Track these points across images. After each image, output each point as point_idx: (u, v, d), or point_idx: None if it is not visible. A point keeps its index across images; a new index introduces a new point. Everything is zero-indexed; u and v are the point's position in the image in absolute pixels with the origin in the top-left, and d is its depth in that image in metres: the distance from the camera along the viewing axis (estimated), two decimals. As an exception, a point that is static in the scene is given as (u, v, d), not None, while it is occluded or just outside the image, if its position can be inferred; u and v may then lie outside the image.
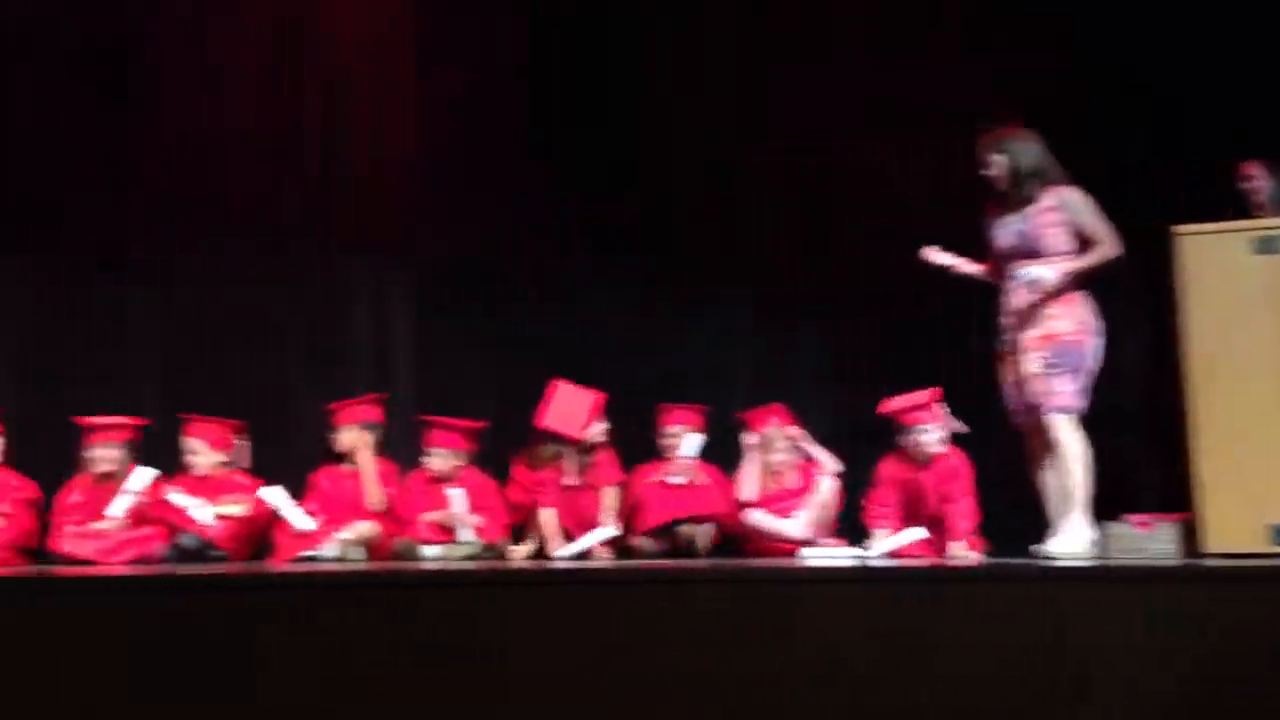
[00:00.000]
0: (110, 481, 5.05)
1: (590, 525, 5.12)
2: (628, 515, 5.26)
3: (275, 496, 5.08)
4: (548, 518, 5.14)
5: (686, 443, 5.35)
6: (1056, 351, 3.98)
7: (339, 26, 5.96)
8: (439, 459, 5.22)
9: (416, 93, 5.98)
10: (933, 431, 4.94)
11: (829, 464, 5.21)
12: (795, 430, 5.24)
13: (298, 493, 5.16)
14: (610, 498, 5.21)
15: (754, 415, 5.30)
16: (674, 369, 5.71)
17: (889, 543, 4.84)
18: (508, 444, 5.36)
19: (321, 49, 5.94)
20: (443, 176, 5.92)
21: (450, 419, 5.28)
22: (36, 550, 4.98)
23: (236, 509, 5.06)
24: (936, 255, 4.29)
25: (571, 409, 5.10)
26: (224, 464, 5.22)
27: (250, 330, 5.71)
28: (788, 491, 5.18)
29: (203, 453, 5.18)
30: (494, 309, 5.82)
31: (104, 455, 5.05)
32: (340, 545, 4.89)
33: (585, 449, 5.20)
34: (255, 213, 5.78)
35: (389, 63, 5.99)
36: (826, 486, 5.16)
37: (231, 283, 5.70)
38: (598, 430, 5.21)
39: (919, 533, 4.88)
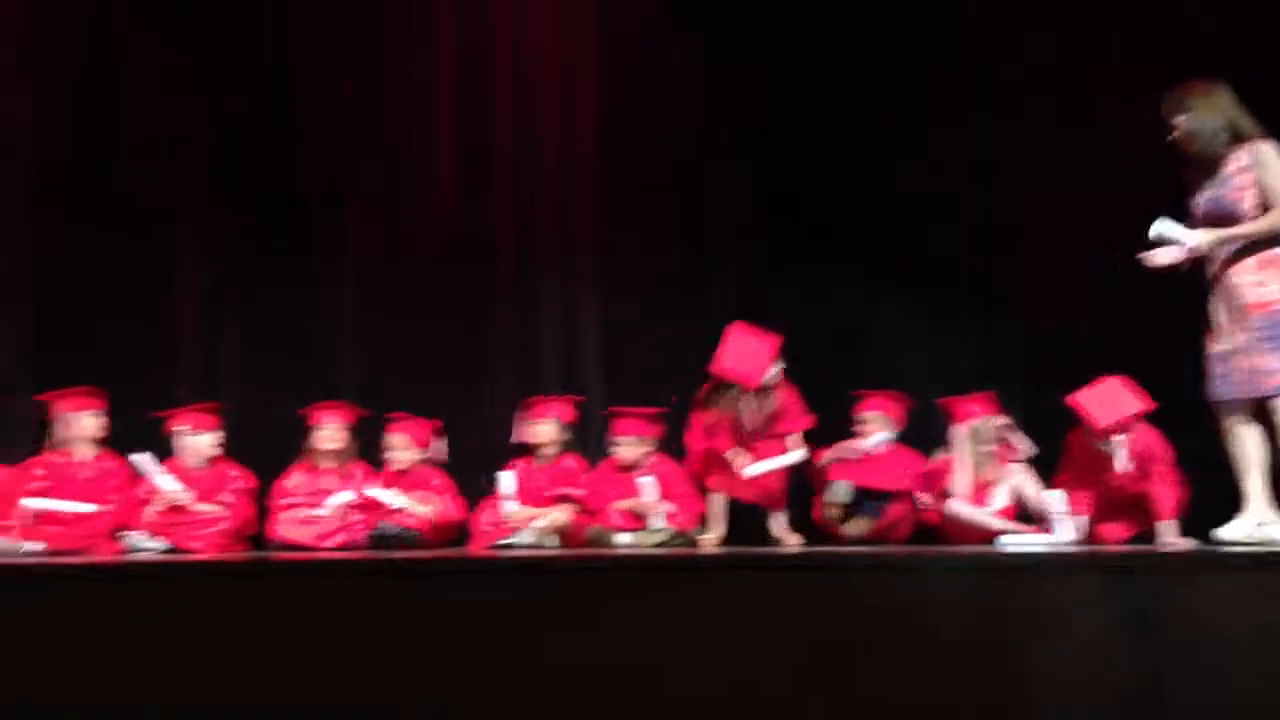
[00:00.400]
0: (328, 469, 5.29)
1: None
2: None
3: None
4: (716, 500, 5.18)
5: (875, 433, 5.27)
6: (1272, 323, 3.76)
7: (526, 42, 6.10)
8: (627, 447, 5.29)
9: (599, 104, 6.09)
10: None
11: (1025, 449, 5.07)
12: (1001, 419, 5.11)
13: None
14: (795, 440, 5.22)
15: (960, 404, 5.18)
16: (871, 359, 5.68)
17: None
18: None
19: (509, 66, 6.09)
20: (626, 181, 6.03)
21: (637, 408, 5.34)
22: (255, 537, 5.25)
23: (426, 509, 5.24)
24: (1161, 257, 4.01)
25: (748, 354, 5.07)
26: (422, 461, 5.39)
27: (447, 331, 5.93)
28: (985, 480, 5.06)
29: (403, 449, 5.36)
30: (680, 309, 5.85)
31: (328, 436, 5.29)
32: (535, 533, 5.01)
33: (763, 392, 5.16)
34: (455, 220, 6.00)
35: (573, 75, 6.11)
36: (1020, 473, 5.03)
37: (433, 288, 5.93)
38: (774, 373, 5.17)
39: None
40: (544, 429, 5.38)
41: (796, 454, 5.21)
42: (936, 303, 5.65)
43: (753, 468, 5.10)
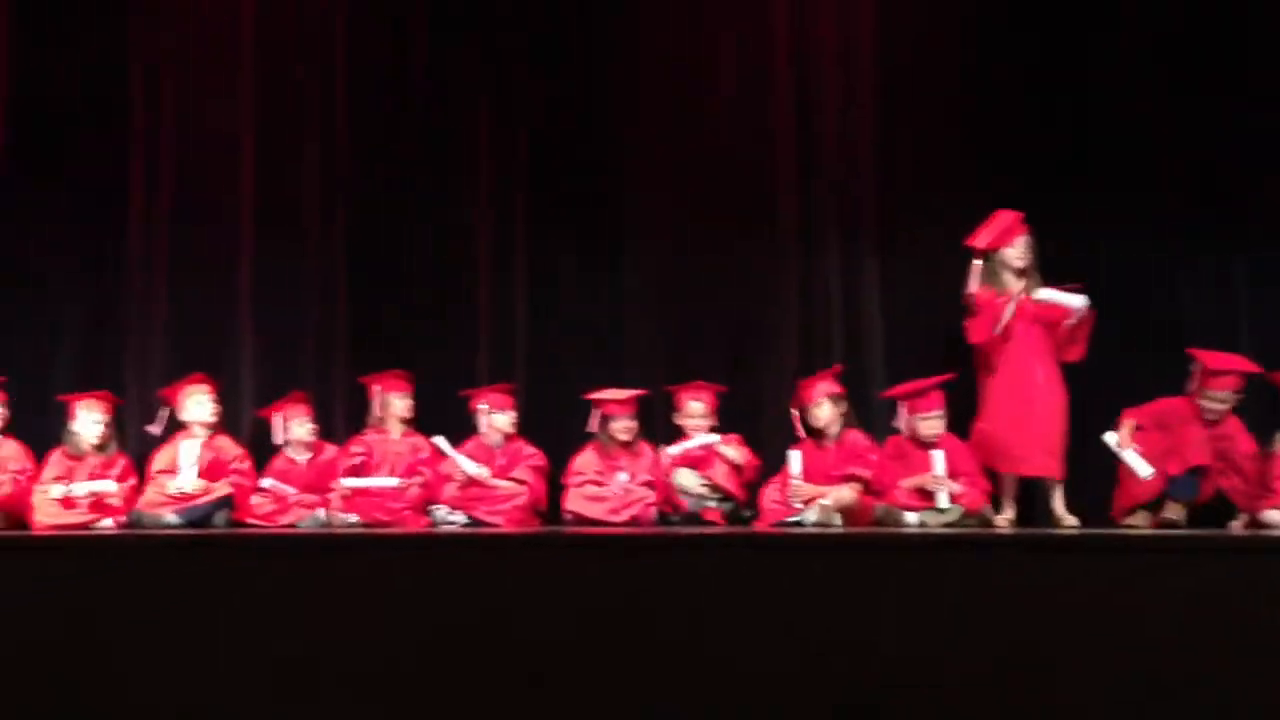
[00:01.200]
0: (616, 450, 5.45)
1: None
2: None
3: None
4: (1007, 480, 5.08)
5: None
6: None
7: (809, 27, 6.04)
8: (928, 423, 5.13)
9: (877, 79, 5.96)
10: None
11: None
12: None
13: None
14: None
15: None
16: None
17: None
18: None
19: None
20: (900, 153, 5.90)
21: (923, 381, 5.19)
22: (546, 513, 5.45)
23: (733, 452, 5.34)
24: None
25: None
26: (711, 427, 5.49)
27: (733, 309, 5.94)
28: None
29: (700, 416, 5.46)
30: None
31: (620, 427, 5.44)
32: (821, 512, 4.96)
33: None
34: (738, 193, 5.99)
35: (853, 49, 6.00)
36: None
37: (716, 256, 5.95)
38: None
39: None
40: (821, 410, 5.31)
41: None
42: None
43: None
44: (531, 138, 6.06)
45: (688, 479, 5.34)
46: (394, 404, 5.51)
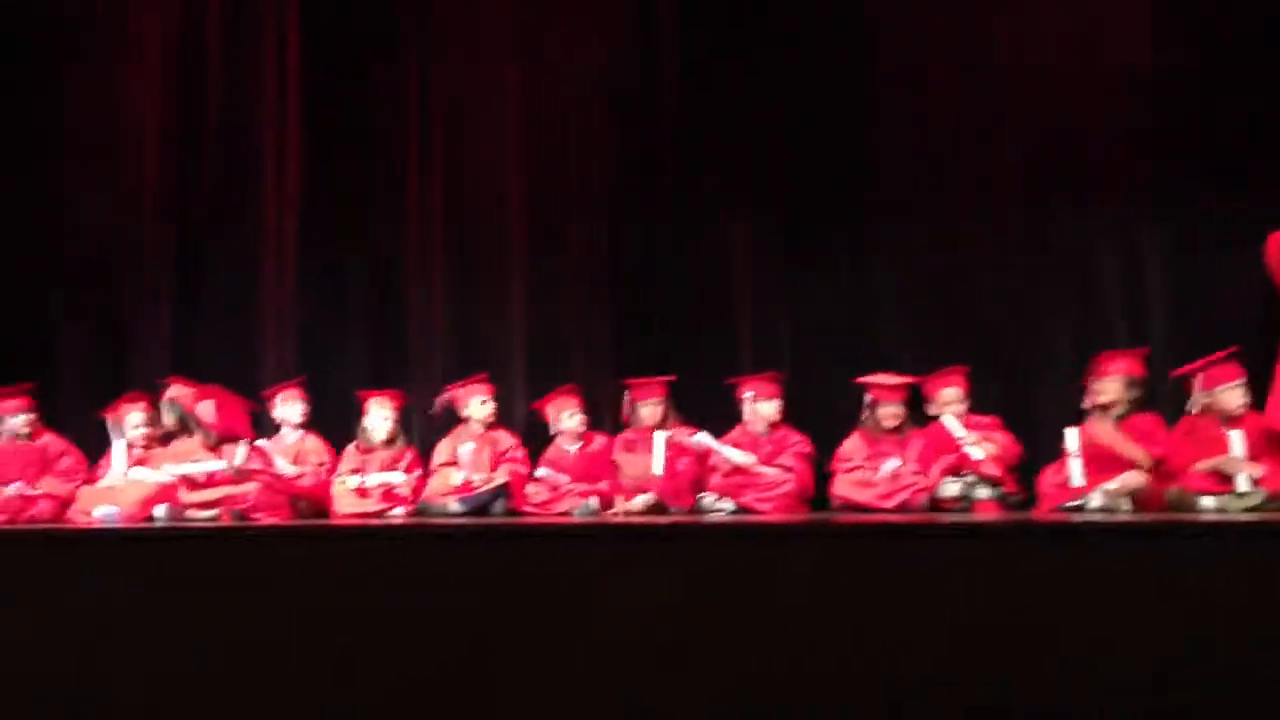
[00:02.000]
0: (883, 436, 5.38)
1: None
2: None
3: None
4: None
5: None
6: None
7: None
8: (1223, 396, 4.80)
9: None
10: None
11: None
12: None
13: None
14: None
15: None
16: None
17: None
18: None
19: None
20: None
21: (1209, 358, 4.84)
22: (815, 500, 5.40)
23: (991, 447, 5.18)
24: None
25: None
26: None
27: (1005, 280, 5.73)
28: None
29: (953, 403, 5.32)
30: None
31: (889, 412, 5.38)
32: (1105, 496, 4.70)
33: None
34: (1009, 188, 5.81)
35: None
36: None
37: (989, 234, 5.79)
38: None
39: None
40: (1110, 385, 5.03)
41: None
42: None
43: None
44: (788, 132, 6.05)
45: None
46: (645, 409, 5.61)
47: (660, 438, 5.33)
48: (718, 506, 5.27)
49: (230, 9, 6.70)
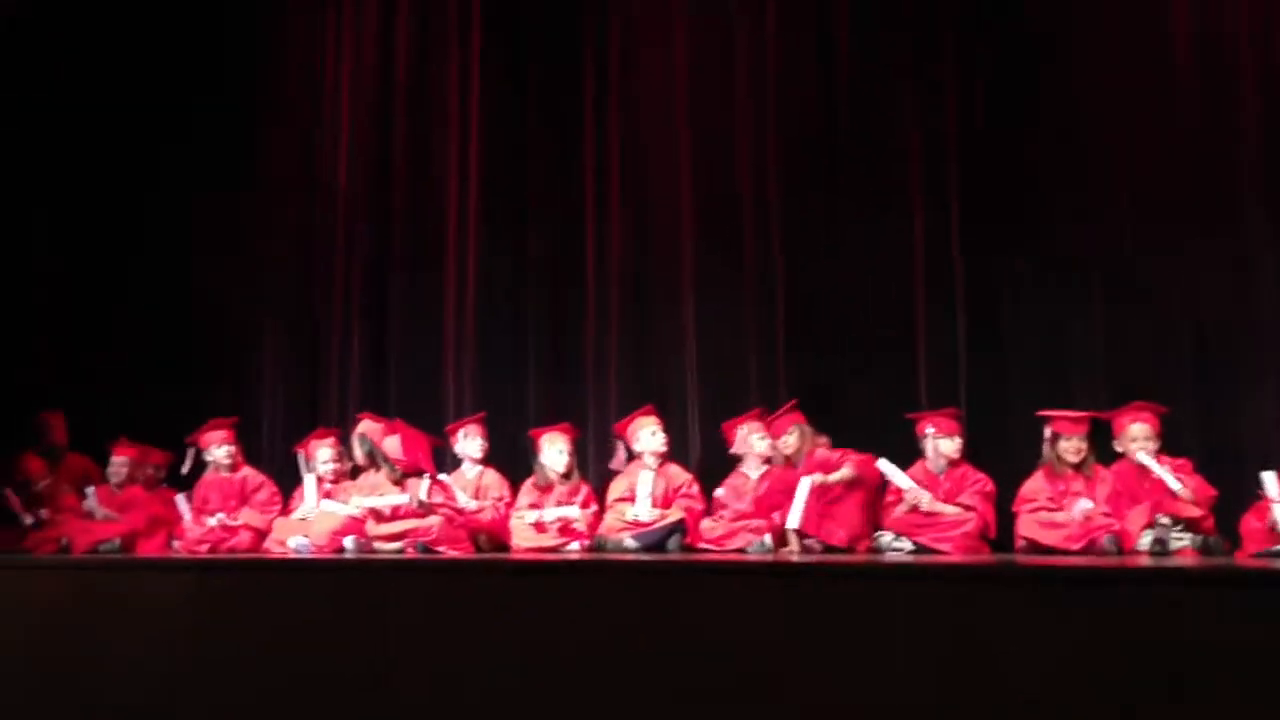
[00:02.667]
0: (1066, 472, 5.16)
1: None
2: None
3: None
4: None
5: None
6: None
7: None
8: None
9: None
10: None
11: None
12: None
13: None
14: None
15: None
16: None
17: None
18: None
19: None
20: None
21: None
22: (994, 541, 5.23)
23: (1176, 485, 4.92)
24: None
25: None
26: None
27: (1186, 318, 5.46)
28: None
29: (1143, 439, 5.06)
30: None
31: (1070, 447, 5.17)
32: None
33: None
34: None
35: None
36: None
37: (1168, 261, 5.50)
38: None
39: None
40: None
41: None
42: None
43: None
44: (962, 156, 5.90)
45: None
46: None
47: (805, 483, 5.26)
48: (896, 546, 5.16)
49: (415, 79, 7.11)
